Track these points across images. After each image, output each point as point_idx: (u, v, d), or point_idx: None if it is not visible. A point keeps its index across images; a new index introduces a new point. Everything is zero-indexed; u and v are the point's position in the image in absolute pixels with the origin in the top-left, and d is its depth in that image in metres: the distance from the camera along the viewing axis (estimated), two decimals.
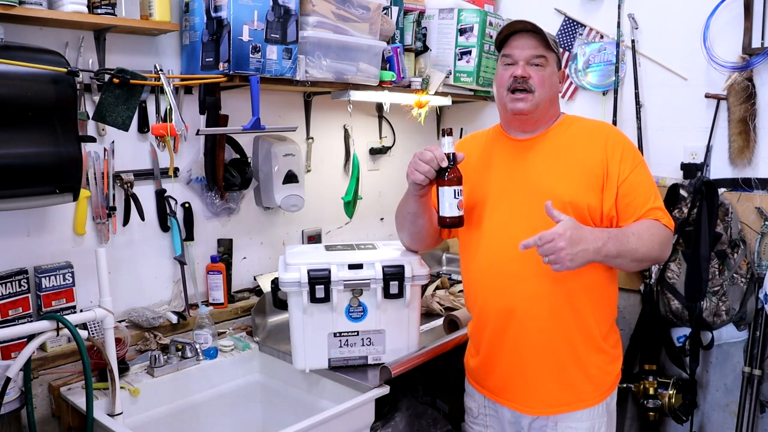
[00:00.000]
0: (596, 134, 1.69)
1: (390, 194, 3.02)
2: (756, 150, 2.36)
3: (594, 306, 1.65)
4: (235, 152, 2.28)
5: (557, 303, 1.61)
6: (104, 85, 1.73)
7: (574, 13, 2.77)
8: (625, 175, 1.62)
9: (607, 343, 1.69)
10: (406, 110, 2.68)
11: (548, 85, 1.65)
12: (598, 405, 1.68)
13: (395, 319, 1.91)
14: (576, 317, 1.63)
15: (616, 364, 1.73)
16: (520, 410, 1.69)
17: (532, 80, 1.63)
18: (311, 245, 2.15)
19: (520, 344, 1.65)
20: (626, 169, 1.63)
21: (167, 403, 1.92)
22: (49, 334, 1.55)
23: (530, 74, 1.64)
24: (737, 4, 2.33)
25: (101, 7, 1.78)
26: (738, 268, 2.32)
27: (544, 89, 1.64)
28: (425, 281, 1.91)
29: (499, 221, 1.67)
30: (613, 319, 1.74)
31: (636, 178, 1.64)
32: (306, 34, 2.10)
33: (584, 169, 1.63)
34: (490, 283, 1.67)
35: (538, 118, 1.69)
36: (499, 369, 1.71)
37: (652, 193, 1.64)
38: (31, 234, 1.85)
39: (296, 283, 1.81)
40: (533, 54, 1.64)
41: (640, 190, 1.63)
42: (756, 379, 2.33)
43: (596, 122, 1.78)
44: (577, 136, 1.70)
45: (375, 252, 1.95)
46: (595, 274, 1.62)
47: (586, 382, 1.66)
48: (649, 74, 2.61)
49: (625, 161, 1.64)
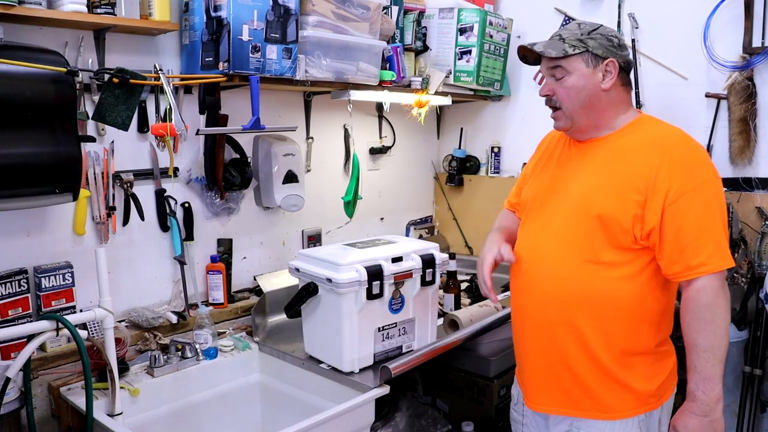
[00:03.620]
0: (656, 145, 1.51)
1: (390, 194, 3.02)
2: (756, 149, 2.36)
3: (619, 319, 1.54)
4: (235, 152, 2.28)
5: (571, 312, 1.56)
6: (104, 84, 1.73)
7: (574, 12, 2.77)
8: (674, 198, 1.45)
9: (635, 357, 1.56)
10: (406, 110, 2.68)
11: (575, 94, 1.55)
12: (628, 419, 1.57)
13: (423, 306, 2.00)
14: (592, 327, 1.55)
15: (650, 381, 1.57)
16: (527, 403, 1.71)
17: (556, 96, 1.58)
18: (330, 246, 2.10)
19: (530, 341, 1.67)
20: (678, 189, 1.44)
21: (167, 403, 1.91)
22: (48, 334, 1.55)
23: (553, 90, 1.58)
24: (737, 3, 2.32)
25: (101, 6, 1.78)
26: (739, 267, 2.32)
27: (570, 101, 1.56)
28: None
29: (537, 223, 1.67)
30: (653, 335, 1.58)
31: (688, 209, 1.44)
32: (306, 33, 2.10)
33: (626, 181, 1.50)
34: (517, 281, 1.70)
35: (585, 127, 1.60)
36: (517, 360, 1.77)
37: (704, 235, 1.44)
38: (31, 234, 1.85)
39: (355, 282, 1.79)
40: (548, 67, 1.58)
41: (688, 229, 1.44)
42: (757, 379, 2.33)
43: (666, 131, 1.56)
44: (635, 143, 1.54)
45: (399, 245, 1.97)
46: (627, 290, 1.53)
47: (604, 391, 1.57)
48: (650, 74, 2.60)
49: (678, 178, 1.45)
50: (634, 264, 1.52)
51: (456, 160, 3.14)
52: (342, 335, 1.83)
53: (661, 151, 1.48)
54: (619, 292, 1.53)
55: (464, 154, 3.15)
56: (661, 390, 1.60)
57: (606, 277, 1.52)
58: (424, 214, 3.25)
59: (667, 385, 1.62)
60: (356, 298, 1.81)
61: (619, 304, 1.53)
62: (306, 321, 1.97)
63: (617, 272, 1.52)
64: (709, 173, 1.49)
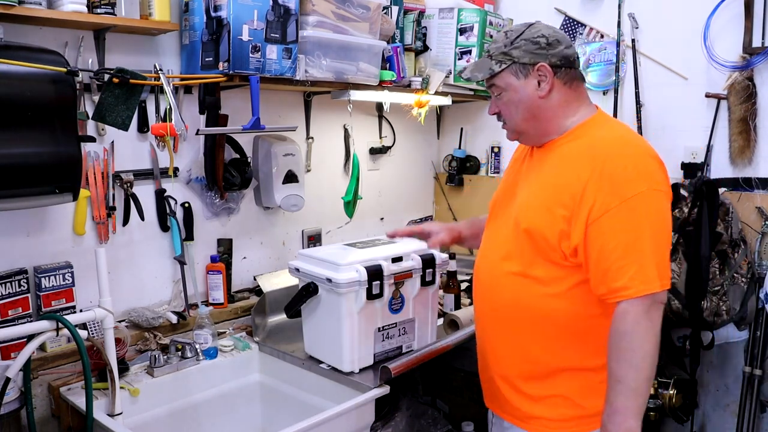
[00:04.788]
0: (589, 155, 1.41)
1: (390, 194, 3.02)
2: (756, 149, 2.36)
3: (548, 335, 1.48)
4: (235, 152, 2.28)
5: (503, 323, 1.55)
6: (104, 84, 1.73)
7: (574, 12, 2.77)
8: (597, 214, 1.35)
9: (569, 373, 1.49)
10: (406, 110, 2.68)
11: (513, 109, 1.50)
12: None
13: (423, 306, 2.00)
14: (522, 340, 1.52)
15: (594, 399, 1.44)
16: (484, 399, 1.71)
17: (501, 113, 1.55)
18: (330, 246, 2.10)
19: (478, 344, 1.67)
20: (603, 205, 1.35)
21: (167, 403, 1.91)
22: (48, 334, 1.55)
23: (498, 107, 1.54)
24: (737, 3, 2.32)
25: (101, 6, 1.78)
26: (738, 267, 2.32)
27: (511, 116, 1.52)
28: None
29: (490, 230, 1.66)
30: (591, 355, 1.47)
31: (610, 227, 1.34)
32: (306, 33, 2.10)
33: (555, 195, 1.43)
34: (474, 284, 1.69)
35: (535, 136, 1.55)
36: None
37: (629, 255, 1.33)
38: (30, 234, 1.85)
39: (355, 282, 1.79)
40: (486, 87, 1.55)
41: (612, 248, 1.34)
42: (756, 379, 2.33)
43: (606, 137, 1.45)
44: (573, 151, 1.46)
45: (399, 245, 1.97)
46: (558, 306, 1.46)
47: (535, 403, 1.52)
48: (650, 74, 2.60)
49: (604, 193, 1.35)
50: (567, 280, 1.44)
51: (456, 160, 3.14)
52: (342, 335, 1.83)
53: (592, 163, 1.38)
54: (549, 308, 1.46)
55: (464, 154, 3.15)
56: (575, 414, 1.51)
57: (537, 292, 1.47)
58: (424, 214, 3.25)
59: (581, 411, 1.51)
60: (356, 298, 1.81)
61: (550, 320, 1.46)
62: (306, 321, 1.97)
63: (549, 288, 1.46)
64: (643, 186, 1.34)
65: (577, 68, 1.51)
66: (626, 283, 1.33)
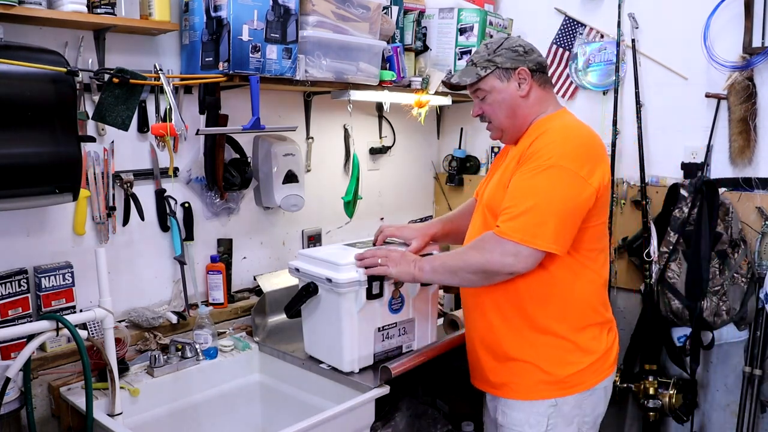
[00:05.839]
0: (535, 135, 1.65)
1: (390, 194, 3.02)
2: (756, 149, 2.36)
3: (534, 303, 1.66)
4: (235, 152, 2.28)
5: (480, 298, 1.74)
6: (104, 84, 1.73)
7: (574, 12, 2.77)
8: (519, 172, 1.61)
9: (541, 337, 1.67)
10: (406, 110, 2.68)
11: (497, 108, 1.72)
12: (536, 401, 1.68)
13: (422, 306, 2.00)
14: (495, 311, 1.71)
15: (561, 367, 1.66)
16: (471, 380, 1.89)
17: (485, 113, 1.76)
18: (330, 246, 2.09)
19: (465, 323, 1.88)
20: (525, 166, 1.61)
21: (167, 403, 1.91)
22: (48, 334, 1.55)
23: (482, 109, 1.75)
24: (738, 3, 2.32)
25: (101, 6, 1.78)
26: (738, 267, 2.32)
27: (496, 114, 1.73)
28: None
29: (473, 218, 1.86)
30: (557, 319, 1.67)
31: (520, 179, 1.60)
32: (306, 33, 2.10)
33: (507, 170, 1.69)
34: None
35: (514, 134, 1.76)
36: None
37: (517, 200, 1.57)
38: (30, 234, 1.85)
39: (355, 282, 1.79)
40: (471, 92, 1.75)
41: (512, 194, 1.60)
42: (756, 379, 2.33)
43: (555, 124, 1.67)
44: (529, 136, 1.70)
45: (399, 245, 1.96)
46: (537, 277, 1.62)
47: (508, 370, 1.71)
48: (650, 74, 2.60)
49: (525, 162, 1.61)
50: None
51: (456, 160, 3.14)
52: (342, 335, 1.83)
53: (532, 139, 1.64)
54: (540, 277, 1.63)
55: (464, 154, 3.15)
56: (575, 379, 1.66)
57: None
58: (424, 214, 3.25)
59: (585, 377, 1.68)
60: (356, 298, 1.81)
61: (513, 286, 1.64)
62: (306, 321, 1.97)
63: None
64: (560, 161, 1.55)
65: (546, 73, 1.76)
66: (501, 221, 1.58)
